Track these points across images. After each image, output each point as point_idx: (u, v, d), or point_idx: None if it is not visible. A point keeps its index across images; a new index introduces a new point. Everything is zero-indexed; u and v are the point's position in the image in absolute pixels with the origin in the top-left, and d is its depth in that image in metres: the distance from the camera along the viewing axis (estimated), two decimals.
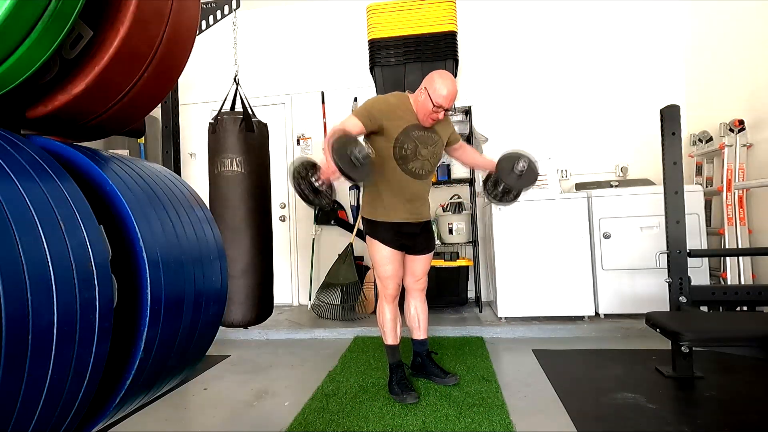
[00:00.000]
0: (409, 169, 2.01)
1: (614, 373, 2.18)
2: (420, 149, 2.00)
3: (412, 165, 2.01)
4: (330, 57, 4.26)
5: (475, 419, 1.75)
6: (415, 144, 1.99)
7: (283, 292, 4.24)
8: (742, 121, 3.00)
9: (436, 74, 1.94)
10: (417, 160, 2.01)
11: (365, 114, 1.91)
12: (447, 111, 1.94)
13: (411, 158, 2.00)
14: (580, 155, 3.88)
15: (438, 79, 1.91)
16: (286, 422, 1.81)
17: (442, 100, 1.89)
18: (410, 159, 2.00)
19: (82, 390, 0.74)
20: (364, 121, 1.90)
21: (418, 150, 2.00)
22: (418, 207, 2.07)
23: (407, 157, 1.99)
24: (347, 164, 1.62)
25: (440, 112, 1.92)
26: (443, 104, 1.90)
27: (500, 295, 3.11)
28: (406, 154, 1.99)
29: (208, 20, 2.52)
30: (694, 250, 2.18)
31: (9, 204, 0.65)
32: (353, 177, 1.68)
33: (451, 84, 1.91)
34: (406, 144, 1.98)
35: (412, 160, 2.00)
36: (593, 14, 3.92)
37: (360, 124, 1.89)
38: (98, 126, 1.08)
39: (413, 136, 1.99)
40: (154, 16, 0.96)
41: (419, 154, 2.01)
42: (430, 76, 1.94)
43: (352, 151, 1.62)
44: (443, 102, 1.89)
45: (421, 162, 2.02)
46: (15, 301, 0.60)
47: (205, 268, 1.05)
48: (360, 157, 1.63)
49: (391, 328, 2.11)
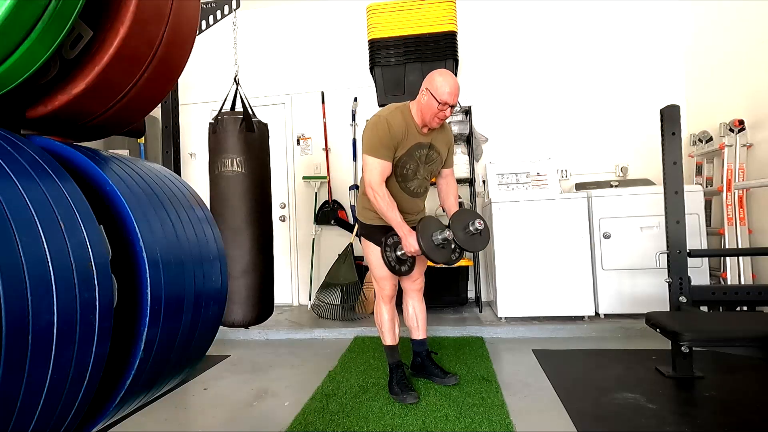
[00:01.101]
0: (408, 187, 2.04)
1: (614, 373, 2.18)
2: (420, 169, 2.03)
3: (410, 184, 2.04)
4: (330, 57, 4.26)
5: (475, 419, 1.75)
6: (417, 164, 2.01)
7: (283, 292, 4.24)
8: (742, 121, 3.00)
9: (435, 73, 1.93)
10: (416, 179, 2.04)
11: (382, 150, 1.91)
12: (452, 108, 1.93)
13: (411, 178, 2.03)
14: (580, 155, 3.88)
15: (438, 77, 1.90)
16: (286, 422, 1.81)
17: (447, 97, 1.87)
18: (410, 179, 2.03)
19: (82, 390, 0.74)
20: (387, 155, 1.92)
21: (418, 170, 2.03)
22: (413, 218, 2.07)
23: (407, 176, 2.02)
24: (430, 249, 1.88)
25: (446, 109, 1.91)
26: (448, 101, 1.88)
27: (500, 295, 3.11)
28: (406, 174, 2.01)
29: (208, 20, 2.52)
30: (694, 250, 2.18)
31: (9, 204, 0.64)
32: (434, 259, 1.92)
33: (452, 80, 1.90)
34: (408, 164, 1.99)
35: (412, 179, 2.03)
36: (593, 14, 3.92)
37: (385, 162, 1.92)
38: (98, 126, 1.08)
39: (415, 156, 2.00)
40: (154, 17, 0.96)
41: (419, 174, 2.04)
42: (430, 76, 1.94)
43: (436, 236, 1.88)
44: (448, 99, 1.88)
45: (419, 181, 2.06)
46: (15, 301, 0.60)
47: (205, 268, 1.05)
48: (442, 241, 1.88)
49: (389, 329, 2.12)
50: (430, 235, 1.89)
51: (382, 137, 1.90)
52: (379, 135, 1.91)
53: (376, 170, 1.91)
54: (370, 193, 1.93)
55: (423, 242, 1.86)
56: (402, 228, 1.90)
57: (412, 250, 1.89)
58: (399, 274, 2.04)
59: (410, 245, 1.89)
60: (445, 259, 1.95)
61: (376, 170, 1.91)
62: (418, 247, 1.86)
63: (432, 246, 1.88)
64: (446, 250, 1.93)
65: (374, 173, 1.91)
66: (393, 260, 1.99)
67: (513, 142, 3.98)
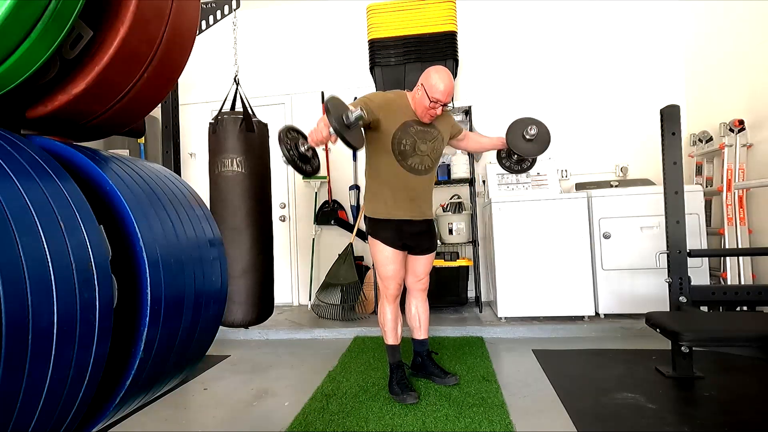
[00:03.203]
0: (409, 164, 2.01)
1: (614, 373, 2.18)
2: (419, 145, 2.00)
3: (411, 161, 2.01)
4: (330, 57, 4.26)
5: (475, 419, 1.75)
6: (414, 140, 1.99)
7: (283, 292, 4.24)
8: (742, 121, 3.00)
9: (432, 70, 1.94)
10: (416, 156, 2.01)
11: (364, 102, 1.92)
12: (445, 106, 1.93)
13: (410, 154, 2.00)
14: (580, 155, 3.88)
15: (434, 74, 1.91)
16: (286, 422, 1.81)
17: (439, 95, 1.88)
18: (409, 155, 2.00)
19: (82, 390, 0.74)
20: (368, 107, 1.88)
21: (416, 145, 2.00)
22: (420, 204, 2.07)
23: (406, 152, 1.99)
24: (341, 124, 1.67)
25: (437, 108, 1.92)
26: (440, 99, 1.89)
27: (500, 295, 3.11)
28: (404, 149, 1.99)
29: (208, 20, 2.53)
30: (694, 250, 2.18)
31: (9, 204, 0.64)
32: (346, 137, 1.70)
33: (447, 78, 1.90)
34: (404, 139, 1.98)
35: (411, 155, 2.00)
36: (593, 14, 3.92)
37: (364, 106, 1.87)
38: (98, 126, 1.08)
39: (411, 132, 1.99)
40: (154, 16, 0.96)
41: (418, 150, 2.01)
42: (427, 72, 1.94)
43: (345, 112, 1.69)
44: (440, 97, 1.89)
45: (421, 157, 2.02)
46: (15, 301, 0.60)
47: (205, 268, 1.05)
48: (352, 118, 1.69)
49: (391, 328, 2.11)
50: (340, 115, 1.69)
51: (370, 99, 1.95)
52: (370, 97, 1.98)
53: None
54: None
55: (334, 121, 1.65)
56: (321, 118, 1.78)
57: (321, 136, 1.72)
58: (303, 172, 1.86)
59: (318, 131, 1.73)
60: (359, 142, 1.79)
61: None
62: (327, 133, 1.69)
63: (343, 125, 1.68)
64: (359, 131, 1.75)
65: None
66: (296, 157, 1.80)
67: None
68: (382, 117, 1.94)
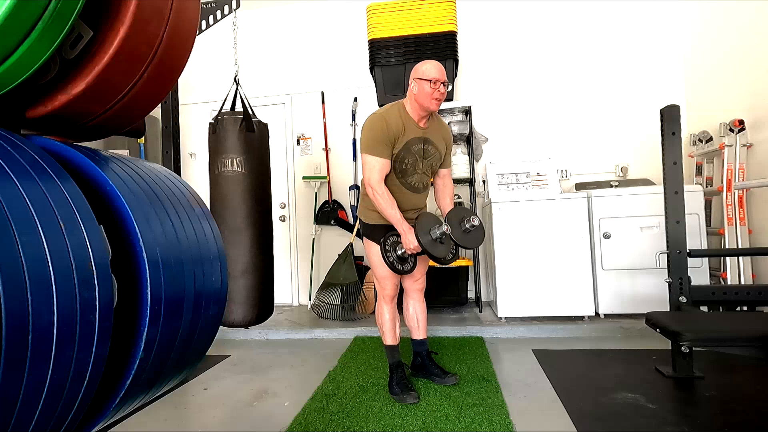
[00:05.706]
0: (408, 182, 2.05)
1: (614, 373, 2.18)
2: (418, 164, 2.03)
3: (410, 179, 2.04)
4: (330, 57, 4.26)
5: (475, 419, 1.75)
6: (415, 159, 2.02)
7: (283, 292, 4.24)
8: (742, 121, 3.00)
9: (417, 64, 2.01)
10: (416, 174, 2.05)
11: (380, 148, 1.92)
12: (445, 85, 1.95)
13: (410, 173, 2.03)
14: (580, 155, 3.88)
15: (421, 65, 1.98)
16: (286, 422, 1.81)
17: (434, 74, 1.92)
18: (409, 173, 2.03)
19: (82, 390, 0.74)
20: (385, 152, 1.93)
21: (417, 164, 2.03)
22: (413, 215, 2.07)
23: (406, 171, 2.02)
24: (429, 244, 1.88)
25: (439, 86, 1.93)
26: (438, 77, 1.92)
27: (500, 295, 3.11)
28: (405, 168, 2.02)
29: (208, 20, 2.52)
30: (694, 250, 2.18)
31: (9, 204, 0.64)
32: (434, 254, 1.91)
33: (435, 62, 1.98)
34: (407, 158, 2.00)
35: (411, 174, 2.04)
36: (593, 14, 3.92)
37: (384, 160, 1.93)
38: (98, 126, 1.08)
39: (413, 151, 2.01)
40: (154, 16, 0.96)
41: (417, 169, 2.04)
42: (414, 69, 2.00)
43: (434, 231, 1.89)
44: (437, 75, 1.92)
45: (419, 176, 2.06)
46: (15, 301, 0.60)
47: (205, 267, 1.05)
48: (440, 237, 1.89)
49: (389, 329, 2.12)
50: (428, 230, 1.90)
51: (380, 135, 1.92)
52: (377, 133, 1.93)
53: (375, 168, 1.92)
54: (370, 192, 1.94)
55: (421, 238, 1.87)
56: (402, 225, 1.91)
57: (412, 246, 1.90)
58: (401, 273, 2.04)
59: (409, 242, 1.90)
60: (444, 254, 1.95)
61: (375, 168, 1.92)
62: (417, 244, 1.87)
63: (430, 241, 1.89)
64: (445, 245, 1.94)
65: (374, 171, 1.92)
66: (394, 260, 1.99)
67: (513, 142, 3.98)
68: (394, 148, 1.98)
